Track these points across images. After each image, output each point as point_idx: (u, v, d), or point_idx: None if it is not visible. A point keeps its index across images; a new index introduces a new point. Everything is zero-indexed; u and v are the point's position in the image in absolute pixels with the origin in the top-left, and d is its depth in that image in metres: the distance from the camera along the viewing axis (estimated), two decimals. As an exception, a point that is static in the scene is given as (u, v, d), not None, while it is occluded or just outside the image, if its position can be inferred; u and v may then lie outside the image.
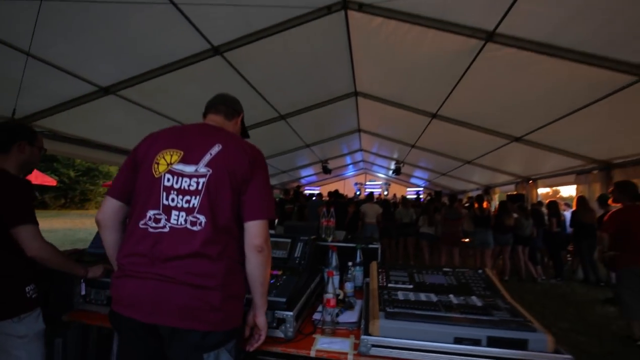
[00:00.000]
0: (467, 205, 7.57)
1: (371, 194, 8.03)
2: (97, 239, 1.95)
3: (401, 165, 10.70)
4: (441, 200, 8.54)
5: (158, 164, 1.24)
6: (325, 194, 16.41)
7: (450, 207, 6.16)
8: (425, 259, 6.70)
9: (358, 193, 16.20)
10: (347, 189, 17.46)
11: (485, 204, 6.09)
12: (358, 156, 12.40)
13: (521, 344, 1.17)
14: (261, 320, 1.28)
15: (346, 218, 7.05)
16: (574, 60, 3.09)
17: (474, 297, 1.45)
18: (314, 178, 14.57)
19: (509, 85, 4.06)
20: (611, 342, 3.42)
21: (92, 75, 3.42)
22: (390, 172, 12.85)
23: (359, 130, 8.29)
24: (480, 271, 1.69)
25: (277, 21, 3.35)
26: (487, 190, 9.86)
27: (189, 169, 1.23)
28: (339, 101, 5.89)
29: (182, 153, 1.25)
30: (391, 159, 11.22)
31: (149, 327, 1.14)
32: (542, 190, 8.47)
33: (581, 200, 5.78)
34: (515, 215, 6.03)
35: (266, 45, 3.59)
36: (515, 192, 8.13)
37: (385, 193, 16.15)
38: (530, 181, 7.65)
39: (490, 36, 3.14)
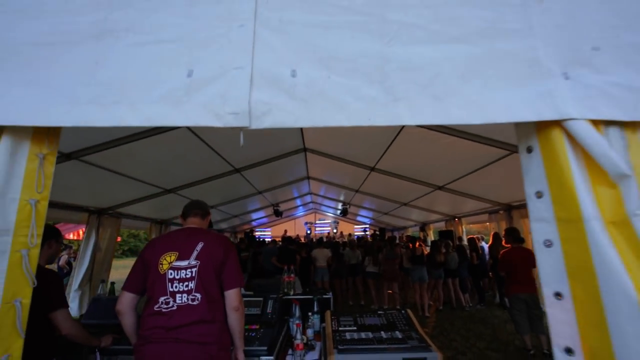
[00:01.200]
0: (404, 245, 8.60)
1: (321, 238, 8.66)
2: (89, 312, 2.26)
3: (347, 206, 11.68)
4: (385, 236, 9.50)
5: (162, 264, 1.77)
6: (275, 234, 16.70)
7: (389, 249, 7.06)
8: (373, 295, 7.41)
9: (309, 232, 16.78)
10: (298, 228, 17.97)
11: (417, 244, 7.12)
12: (307, 198, 13.15)
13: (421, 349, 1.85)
14: (241, 356, 1.81)
15: (296, 264, 7.54)
16: (467, 139, 4.23)
17: (397, 332, 2.13)
18: (264, 220, 14.88)
19: (427, 151, 5.17)
20: (513, 354, 4.35)
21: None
22: (338, 212, 13.80)
23: (308, 178, 9.10)
24: (403, 311, 2.39)
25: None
26: (423, 226, 11.18)
27: (184, 263, 1.78)
28: (290, 156, 6.65)
29: (177, 253, 1.80)
30: (338, 200, 12.17)
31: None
32: (469, 225, 9.96)
33: (496, 235, 7.08)
34: (443, 251, 7.12)
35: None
36: (445, 229, 9.47)
37: (335, 231, 16.98)
38: (456, 219, 9.04)
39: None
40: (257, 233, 16.86)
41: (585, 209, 1.14)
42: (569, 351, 1.17)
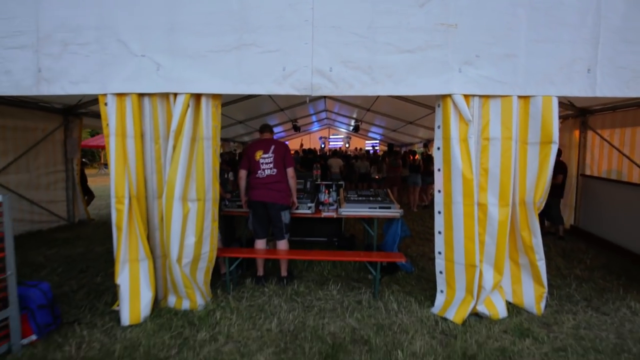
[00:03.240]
0: (404, 156, 10.28)
1: (336, 150, 10.40)
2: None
3: (359, 123, 13.15)
4: (393, 151, 11.19)
5: (255, 155, 3.52)
6: (292, 147, 18.58)
7: (392, 159, 8.83)
8: (376, 198, 9.49)
9: (323, 146, 18.60)
10: (313, 142, 19.74)
11: (416, 157, 8.83)
12: (322, 115, 14.56)
13: (389, 208, 3.72)
14: (295, 200, 3.69)
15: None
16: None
17: (379, 197, 4.00)
18: (282, 134, 16.58)
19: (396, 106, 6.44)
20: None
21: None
22: (351, 128, 15.31)
23: (325, 96, 10.42)
24: (384, 190, 4.23)
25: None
26: (427, 143, 12.73)
27: (266, 155, 3.52)
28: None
29: (262, 150, 3.53)
30: (351, 117, 13.58)
31: (263, 204, 3.51)
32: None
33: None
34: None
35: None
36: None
37: (347, 146, 18.74)
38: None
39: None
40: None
41: (453, 131, 2.76)
42: (440, 213, 2.93)
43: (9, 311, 2.30)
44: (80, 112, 6.19)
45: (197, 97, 2.85)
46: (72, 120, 6.17)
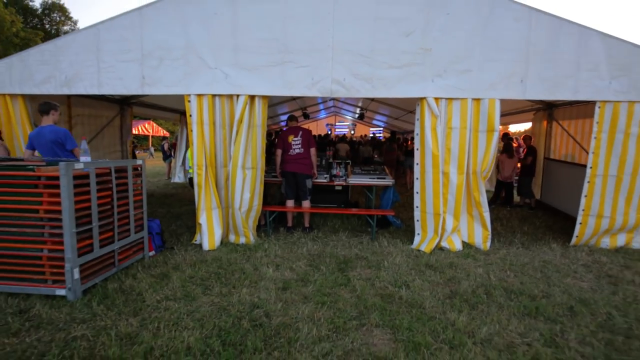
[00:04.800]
0: (401, 142, 11.63)
1: (343, 135, 11.76)
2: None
3: (364, 111, 14.42)
4: (396, 137, 12.52)
5: (288, 138, 4.93)
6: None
7: (388, 145, 10.19)
8: (377, 179, 10.92)
9: (329, 132, 19.89)
10: (320, 128, 21.01)
11: (410, 142, 10.15)
12: (330, 103, 15.82)
13: (384, 179, 5.13)
14: (315, 172, 5.12)
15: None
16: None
17: (377, 172, 5.40)
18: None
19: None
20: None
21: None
22: (356, 115, 16.58)
23: (333, 88, 11.69)
24: (382, 166, 5.63)
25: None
26: (426, 131, 14.01)
27: (296, 138, 4.92)
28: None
29: (293, 135, 4.94)
30: (357, 106, 14.84)
31: (293, 174, 4.96)
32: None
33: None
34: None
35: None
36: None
37: (352, 132, 20.03)
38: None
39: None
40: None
41: (426, 122, 4.13)
42: (418, 179, 4.33)
43: (143, 233, 3.76)
44: (131, 102, 7.58)
45: (252, 97, 4.23)
46: (126, 109, 7.57)
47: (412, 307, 2.84)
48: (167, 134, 23.84)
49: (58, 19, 28.76)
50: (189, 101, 4.25)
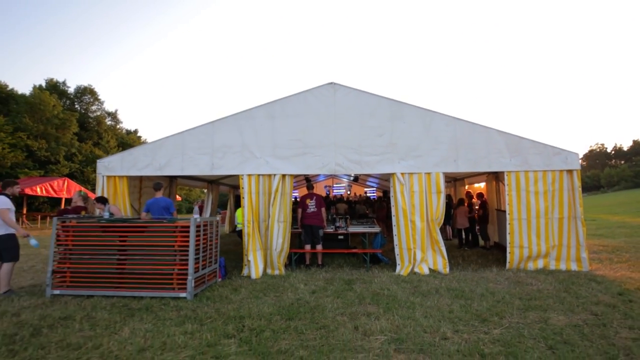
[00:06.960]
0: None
1: (341, 196, 14.21)
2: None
3: (359, 175, 17.11)
4: (387, 196, 14.99)
5: (306, 200, 7.31)
6: (301, 194, 22.32)
7: (379, 203, 12.57)
8: (372, 232, 13.11)
9: (328, 194, 22.40)
10: (318, 190, 23.52)
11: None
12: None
13: (373, 227, 7.37)
14: (325, 224, 7.38)
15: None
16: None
17: (369, 223, 7.67)
18: (294, 184, 20.47)
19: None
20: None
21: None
22: (351, 178, 19.27)
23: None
24: (372, 219, 7.92)
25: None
26: (412, 190, 16.57)
27: (312, 201, 7.30)
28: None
29: (309, 199, 7.32)
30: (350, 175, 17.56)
31: (310, 226, 7.22)
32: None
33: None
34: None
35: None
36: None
37: (348, 193, 22.57)
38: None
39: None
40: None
41: (397, 188, 6.54)
42: (395, 225, 6.64)
43: (217, 264, 5.87)
44: (218, 182, 10.17)
45: (284, 175, 6.67)
46: (213, 187, 10.14)
47: (390, 297, 4.92)
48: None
49: (88, 100, 32.83)
50: (242, 179, 6.67)
